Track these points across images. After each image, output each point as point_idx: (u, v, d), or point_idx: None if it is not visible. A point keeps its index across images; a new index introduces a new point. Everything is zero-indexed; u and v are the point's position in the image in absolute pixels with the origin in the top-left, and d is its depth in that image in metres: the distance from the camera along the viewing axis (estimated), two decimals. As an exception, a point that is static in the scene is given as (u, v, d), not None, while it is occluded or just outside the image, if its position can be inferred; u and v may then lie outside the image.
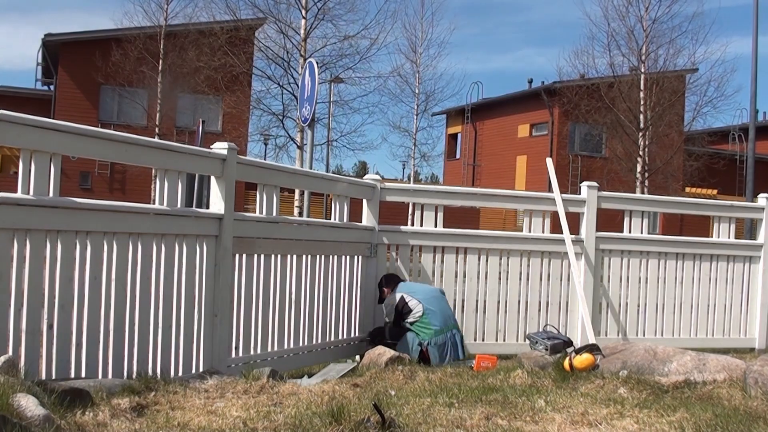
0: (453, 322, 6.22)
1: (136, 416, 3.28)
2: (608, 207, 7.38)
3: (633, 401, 3.86)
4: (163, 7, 23.76)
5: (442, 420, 3.47)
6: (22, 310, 3.62)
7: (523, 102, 32.80)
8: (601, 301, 7.27)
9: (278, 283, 5.56)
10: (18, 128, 3.62)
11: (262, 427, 3.22)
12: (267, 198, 5.47)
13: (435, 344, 5.93)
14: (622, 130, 23.48)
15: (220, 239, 4.89)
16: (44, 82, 29.84)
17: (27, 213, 3.67)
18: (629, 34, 23.09)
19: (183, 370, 4.59)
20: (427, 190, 7.26)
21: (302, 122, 11.56)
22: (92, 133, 4.11)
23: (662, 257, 7.48)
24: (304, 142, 18.17)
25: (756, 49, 19.78)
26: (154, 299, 4.41)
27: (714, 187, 28.01)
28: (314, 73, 8.91)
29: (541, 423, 3.48)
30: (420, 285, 6.45)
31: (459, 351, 6.08)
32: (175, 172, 4.59)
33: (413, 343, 5.95)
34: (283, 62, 20.04)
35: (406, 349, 5.84)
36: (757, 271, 7.83)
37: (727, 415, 3.47)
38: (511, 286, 7.02)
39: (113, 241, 4.13)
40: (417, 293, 6.14)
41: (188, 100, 25.12)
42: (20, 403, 2.73)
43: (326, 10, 20.31)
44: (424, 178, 51.54)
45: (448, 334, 6.04)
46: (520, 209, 7.99)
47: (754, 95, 20.47)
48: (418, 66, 27.94)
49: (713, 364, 4.54)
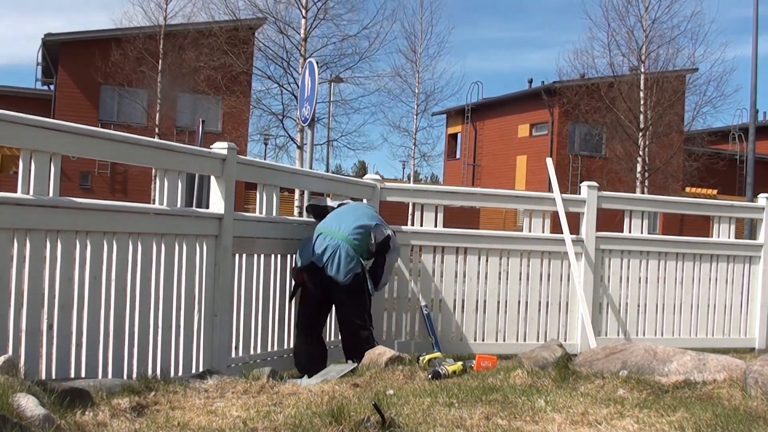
0: (337, 230, 5.52)
1: (136, 416, 3.28)
2: (608, 207, 7.38)
3: (633, 401, 3.85)
4: (162, 6, 23.78)
5: (442, 420, 3.47)
6: (22, 310, 3.61)
7: (523, 102, 32.82)
8: (601, 301, 7.26)
9: (278, 283, 5.57)
10: (18, 128, 3.62)
11: (262, 427, 3.22)
12: (267, 198, 5.47)
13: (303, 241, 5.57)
14: (622, 130, 23.49)
15: (220, 239, 4.89)
16: (44, 82, 29.86)
17: (27, 213, 3.66)
18: (629, 34, 23.14)
19: (183, 370, 4.59)
20: (427, 190, 7.26)
21: (302, 122, 11.56)
22: (92, 133, 4.11)
23: (662, 257, 7.48)
24: (304, 142, 18.18)
25: (756, 49, 19.80)
26: (154, 299, 4.41)
27: (714, 187, 28.02)
28: (314, 73, 8.91)
29: (541, 423, 3.48)
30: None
31: (330, 258, 5.40)
32: (175, 172, 4.59)
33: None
34: (282, 62, 20.06)
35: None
36: (757, 271, 7.83)
37: (727, 415, 3.47)
38: (511, 286, 7.02)
39: (113, 241, 4.13)
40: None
41: (188, 100, 25.14)
42: (20, 403, 2.73)
43: (326, 10, 20.33)
44: (424, 178, 51.58)
45: (322, 236, 5.50)
46: (520, 209, 7.99)
47: (754, 95, 20.51)
48: (418, 66, 27.98)
49: (713, 364, 4.53)
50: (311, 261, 5.40)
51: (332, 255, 5.39)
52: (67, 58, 26.30)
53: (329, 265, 5.38)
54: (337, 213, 5.75)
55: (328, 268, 5.38)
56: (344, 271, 5.39)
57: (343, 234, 5.48)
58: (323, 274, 5.39)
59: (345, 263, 5.40)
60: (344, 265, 5.40)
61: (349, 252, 5.44)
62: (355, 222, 5.59)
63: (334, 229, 5.53)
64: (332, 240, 5.45)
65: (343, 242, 5.45)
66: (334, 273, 5.38)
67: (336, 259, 5.39)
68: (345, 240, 5.46)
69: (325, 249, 5.41)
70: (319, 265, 5.38)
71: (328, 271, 5.38)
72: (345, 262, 5.40)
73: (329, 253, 5.40)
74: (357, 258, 5.49)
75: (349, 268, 5.41)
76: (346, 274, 5.40)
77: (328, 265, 5.38)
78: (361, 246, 5.57)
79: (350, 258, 5.43)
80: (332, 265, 5.38)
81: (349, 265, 5.42)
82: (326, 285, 5.45)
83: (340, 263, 5.39)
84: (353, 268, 5.44)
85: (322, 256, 5.39)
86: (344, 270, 5.39)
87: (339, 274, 5.39)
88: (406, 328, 6.73)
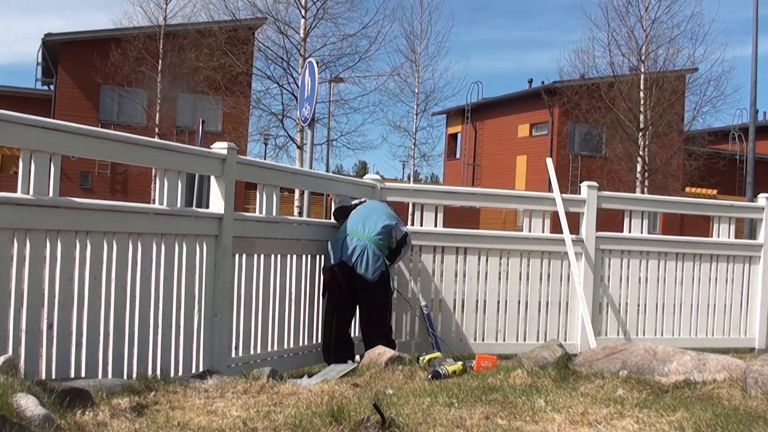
0: (363, 231, 5.89)
1: (136, 416, 3.28)
2: (608, 207, 7.38)
3: (633, 401, 3.85)
4: (162, 6, 23.77)
5: (442, 420, 3.47)
6: (22, 309, 3.62)
7: (523, 102, 32.80)
8: (601, 301, 7.27)
9: (278, 282, 5.57)
10: (18, 128, 3.62)
11: (262, 427, 3.22)
12: (267, 198, 5.48)
13: (331, 242, 5.93)
14: (622, 130, 23.48)
15: (220, 239, 4.89)
16: (44, 82, 29.84)
17: (27, 213, 3.67)
18: (629, 34, 23.13)
19: (183, 369, 4.59)
20: (427, 190, 7.27)
21: (302, 122, 11.55)
22: (92, 133, 4.11)
23: (662, 257, 7.49)
24: (303, 142, 18.18)
25: (756, 49, 19.79)
26: (154, 299, 4.41)
27: (714, 187, 28.00)
28: (314, 73, 8.91)
29: (541, 423, 3.48)
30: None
31: (360, 258, 5.78)
32: (175, 172, 4.59)
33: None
34: (282, 62, 20.06)
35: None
36: (757, 271, 7.83)
37: (727, 415, 3.47)
38: (511, 286, 7.02)
39: (113, 241, 4.13)
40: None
41: (188, 100, 25.13)
42: (20, 403, 2.73)
43: (326, 9, 20.32)
44: (424, 178, 51.59)
45: (349, 237, 5.86)
46: (520, 209, 7.99)
47: (754, 95, 20.49)
48: (418, 66, 27.96)
49: (713, 364, 4.53)
50: (342, 260, 5.80)
51: (361, 254, 5.79)
52: (67, 58, 26.28)
53: (359, 264, 5.78)
54: (359, 214, 6.08)
55: (358, 267, 5.77)
56: (372, 269, 5.79)
57: (369, 235, 5.89)
58: (353, 272, 5.76)
59: (372, 262, 5.80)
60: (372, 264, 5.80)
61: (376, 251, 5.85)
62: (378, 223, 5.97)
63: (360, 230, 5.92)
64: (360, 241, 5.83)
65: (370, 242, 5.85)
66: (363, 271, 5.77)
67: (364, 259, 5.79)
68: (371, 240, 5.87)
69: (354, 249, 5.80)
70: (349, 265, 5.77)
71: (358, 270, 5.77)
72: (372, 261, 5.81)
73: (358, 252, 5.79)
74: (383, 257, 5.92)
75: (377, 266, 5.82)
76: (374, 272, 5.80)
77: (358, 264, 5.78)
78: (385, 244, 5.99)
79: (377, 257, 5.85)
80: (361, 263, 5.78)
81: (377, 263, 5.83)
82: (354, 283, 5.81)
83: (368, 262, 5.79)
84: (380, 266, 5.86)
85: (352, 256, 5.78)
86: (372, 268, 5.79)
87: (368, 272, 5.78)
88: (406, 328, 6.74)
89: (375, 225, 5.94)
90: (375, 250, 5.84)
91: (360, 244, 5.81)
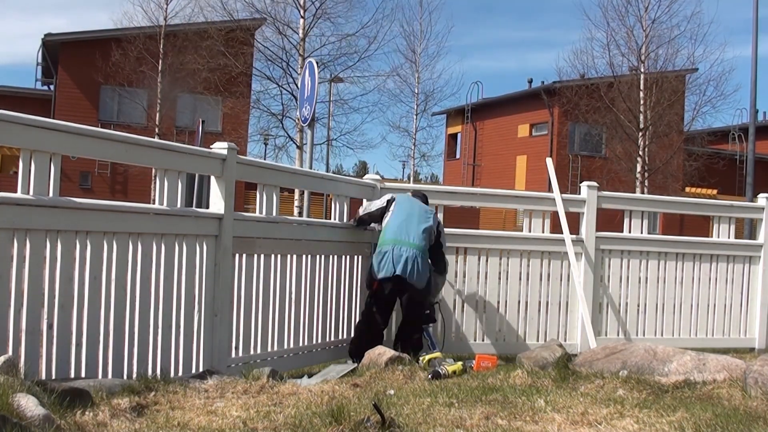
0: (408, 239, 5.92)
1: (136, 416, 3.28)
2: (608, 207, 7.38)
3: (633, 401, 3.85)
4: (162, 7, 23.78)
5: (442, 420, 3.47)
6: (22, 310, 3.62)
7: (523, 102, 32.80)
8: (601, 301, 7.27)
9: (278, 283, 5.56)
10: (18, 128, 3.62)
11: (262, 427, 3.22)
12: (267, 198, 5.47)
13: (378, 253, 5.95)
14: (621, 130, 23.48)
15: (220, 239, 4.89)
16: (44, 82, 29.84)
17: (27, 213, 3.67)
18: (629, 34, 23.13)
19: (183, 370, 4.59)
20: (427, 190, 7.25)
21: (302, 122, 11.56)
22: (92, 133, 4.11)
23: (662, 257, 7.48)
24: (303, 142, 18.20)
25: (756, 49, 19.79)
26: (154, 299, 4.41)
27: (714, 187, 28.01)
28: (314, 73, 8.91)
29: (541, 423, 3.48)
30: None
31: (412, 268, 5.82)
32: (175, 172, 4.59)
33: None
34: (281, 62, 20.07)
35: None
36: (757, 271, 7.83)
37: (726, 415, 3.47)
38: (511, 286, 7.02)
39: (113, 241, 4.13)
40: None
41: (188, 100, 25.13)
42: (20, 403, 2.73)
43: (325, 9, 20.33)
44: (423, 178, 51.55)
45: (396, 247, 5.88)
46: (520, 209, 7.99)
47: (754, 95, 20.49)
48: (417, 66, 27.97)
49: (713, 364, 4.53)
50: (395, 273, 5.79)
51: (412, 265, 5.83)
52: (67, 58, 26.28)
53: (411, 275, 5.82)
54: (398, 219, 6.04)
55: (410, 277, 5.82)
56: (423, 277, 5.91)
57: (414, 242, 5.92)
58: (404, 282, 5.83)
59: (423, 270, 5.90)
60: (422, 272, 5.90)
61: (424, 258, 5.94)
62: (418, 226, 6.01)
63: (404, 238, 5.93)
64: (407, 250, 5.86)
65: (416, 250, 5.89)
66: (416, 280, 5.85)
67: (415, 268, 5.84)
68: (417, 248, 5.90)
69: (405, 260, 5.82)
70: (403, 276, 5.80)
71: (409, 280, 5.82)
72: (422, 270, 5.89)
73: (410, 263, 5.82)
74: (429, 264, 6.02)
75: (426, 275, 5.96)
76: (424, 280, 5.93)
77: (410, 275, 5.82)
78: (427, 246, 6.04)
79: (426, 265, 5.96)
80: (413, 274, 5.83)
81: (426, 271, 5.95)
82: (402, 289, 5.90)
83: (419, 271, 5.86)
84: (427, 273, 5.98)
85: (405, 267, 5.80)
86: (423, 277, 5.91)
87: (420, 281, 5.88)
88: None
89: (416, 229, 5.97)
90: (423, 257, 5.92)
91: (410, 254, 5.83)
